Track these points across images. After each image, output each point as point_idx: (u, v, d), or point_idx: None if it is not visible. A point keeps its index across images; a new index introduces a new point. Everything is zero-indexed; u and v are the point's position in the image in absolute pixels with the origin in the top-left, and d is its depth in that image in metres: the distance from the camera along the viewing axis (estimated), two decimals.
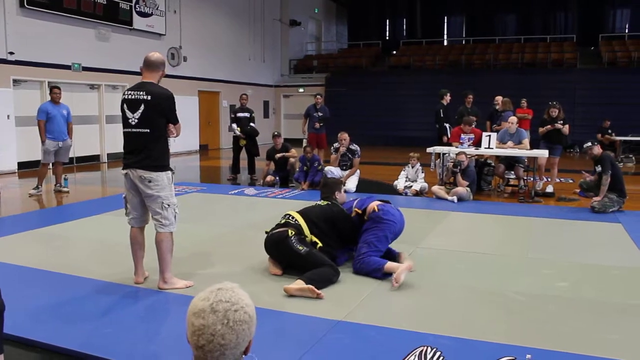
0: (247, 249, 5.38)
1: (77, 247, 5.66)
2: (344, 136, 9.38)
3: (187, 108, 15.67)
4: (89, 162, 13.95)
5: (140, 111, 3.98)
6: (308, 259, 4.29)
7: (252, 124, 10.98)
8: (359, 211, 4.79)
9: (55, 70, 12.81)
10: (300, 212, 4.73)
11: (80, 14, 13.29)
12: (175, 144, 3.90)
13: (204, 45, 18.17)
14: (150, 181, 4.01)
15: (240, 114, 11.01)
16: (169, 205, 4.08)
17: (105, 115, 14.38)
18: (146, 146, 4.00)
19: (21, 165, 11.87)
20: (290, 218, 4.64)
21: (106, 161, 14.39)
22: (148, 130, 4.00)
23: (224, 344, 1.40)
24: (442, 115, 10.95)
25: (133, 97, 4.01)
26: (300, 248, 4.33)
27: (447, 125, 11.01)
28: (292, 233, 4.42)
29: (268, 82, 22.60)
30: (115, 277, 4.39)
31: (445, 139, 10.65)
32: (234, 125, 10.98)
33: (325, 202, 4.94)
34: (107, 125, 14.40)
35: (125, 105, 4.05)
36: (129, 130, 4.05)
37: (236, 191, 9.24)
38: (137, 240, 4.24)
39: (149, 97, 3.98)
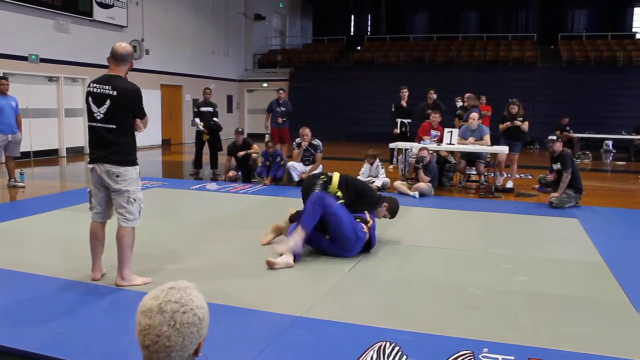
0: (208, 245, 5.33)
1: (33, 243, 5.52)
2: (306, 131, 9.37)
3: (149, 102, 15.17)
4: (47, 157, 13.58)
5: (106, 106, 3.90)
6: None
7: (215, 119, 10.88)
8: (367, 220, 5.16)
9: (11, 62, 12.43)
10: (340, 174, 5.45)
11: (37, 3, 12.90)
12: (137, 138, 3.86)
13: (167, 38, 17.88)
14: (118, 176, 3.95)
15: (203, 109, 10.89)
16: (135, 199, 4.04)
17: (65, 109, 14.02)
18: (113, 141, 3.94)
19: None
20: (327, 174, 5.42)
21: (65, 155, 14.04)
22: (114, 126, 3.93)
23: (169, 346, 1.37)
24: (392, 110, 11.76)
25: (98, 90, 3.93)
26: (316, 188, 5.05)
27: (399, 120, 11.38)
28: (322, 178, 5.27)
29: (232, 77, 22.40)
30: (72, 275, 4.29)
31: (395, 131, 11.46)
32: (197, 120, 10.86)
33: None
34: (67, 118, 14.06)
35: (90, 99, 3.96)
36: (95, 124, 3.97)
37: (198, 186, 9.14)
38: (98, 236, 4.16)
39: (115, 93, 3.90)
